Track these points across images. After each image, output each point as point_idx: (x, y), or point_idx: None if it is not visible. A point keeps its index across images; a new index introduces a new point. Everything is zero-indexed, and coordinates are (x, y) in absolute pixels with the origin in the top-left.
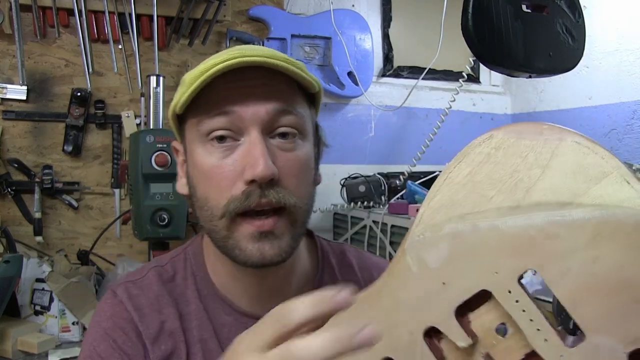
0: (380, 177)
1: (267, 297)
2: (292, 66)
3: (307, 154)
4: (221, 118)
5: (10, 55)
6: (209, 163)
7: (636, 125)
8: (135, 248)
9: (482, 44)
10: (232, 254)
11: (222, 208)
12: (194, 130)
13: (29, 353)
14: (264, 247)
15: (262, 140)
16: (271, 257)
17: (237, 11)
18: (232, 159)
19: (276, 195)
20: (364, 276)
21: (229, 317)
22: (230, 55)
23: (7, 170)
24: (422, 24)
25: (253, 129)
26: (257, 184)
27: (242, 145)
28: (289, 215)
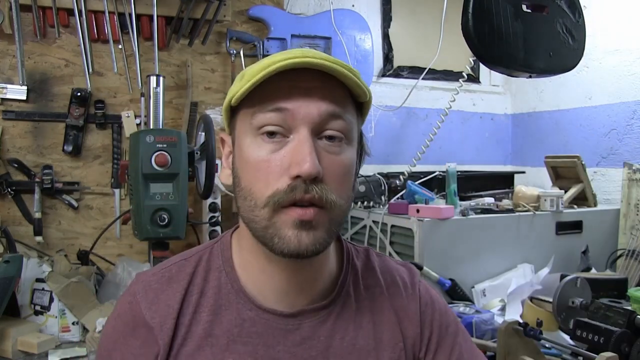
0: (380, 177)
1: (294, 294)
2: (349, 72)
3: (350, 159)
4: (274, 114)
5: (10, 55)
6: (258, 156)
7: (636, 125)
8: (135, 248)
9: (482, 44)
10: (270, 243)
11: (266, 198)
12: (246, 122)
13: (29, 353)
14: (302, 235)
15: (310, 139)
16: (306, 245)
17: (237, 11)
18: (281, 155)
19: (319, 191)
20: (385, 280)
21: (251, 312)
22: (292, 54)
23: (7, 170)
24: (422, 24)
25: (303, 128)
26: (301, 180)
27: (291, 142)
28: (327, 211)
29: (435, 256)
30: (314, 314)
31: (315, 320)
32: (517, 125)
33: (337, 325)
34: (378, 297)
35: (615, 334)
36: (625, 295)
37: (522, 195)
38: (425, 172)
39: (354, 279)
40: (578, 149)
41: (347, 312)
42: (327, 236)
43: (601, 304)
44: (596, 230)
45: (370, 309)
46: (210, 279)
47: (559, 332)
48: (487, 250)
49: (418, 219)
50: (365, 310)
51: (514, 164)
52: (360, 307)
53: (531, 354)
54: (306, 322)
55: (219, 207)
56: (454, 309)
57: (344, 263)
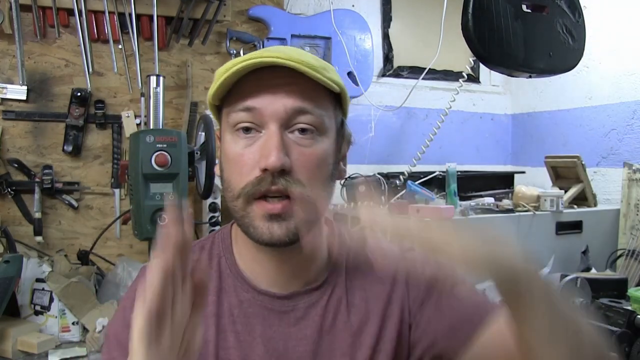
0: (380, 177)
1: (287, 279)
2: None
3: (324, 150)
4: (244, 113)
5: (10, 55)
6: (234, 150)
7: (636, 125)
8: (135, 248)
9: (482, 44)
10: (247, 231)
11: (239, 190)
12: (225, 120)
13: (29, 353)
14: (273, 227)
15: (278, 134)
16: (279, 236)
17: (237, 11)
18: (253, 149)
19: (285, 183)
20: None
21: (248, 294)
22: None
23: (7, 170)
24: (422, 24)
25: (272, 124)
26: (269, 172)
27: (262, 137)
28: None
29: None
30: (307, 295)
31: (309, 301)
32: (517, 125)
33: (330, 305)
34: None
35: (615, 334)
36: (625, 295)
37: (522, 195)
38: (425, 172)
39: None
40: (578, 149)
41: (339, 292)
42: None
43: (601, 304)
44: (596, 230)
45: (362, 286)
46: (213, 264)
47: None
48: None
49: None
50: (356, 289)
51: (514, 164)
52: (352, 286)
53: None
54: (300, 303)
55: (219, 207)
56: None
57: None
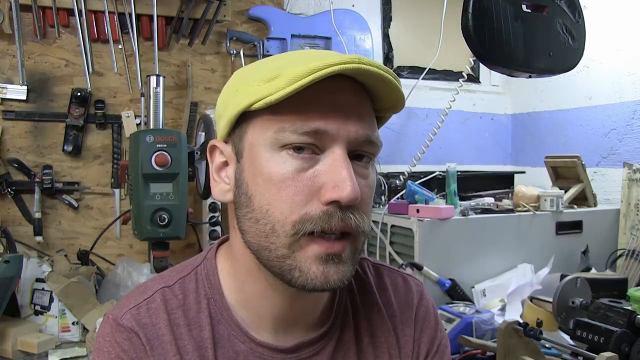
0: (380, 177)
1: (293, 320)
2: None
3: (375, 181)
4: (308, 137)
5: (10, 55)
6: (282, 173)
7: (636, 125)
8: (135, 248)
9: (482, 44)
10: (288, 275)
11: (292, 225)
12: (266, 134)
13: (29, 353)
14: (329, 270)
15: (348, 159)
16: (334, 281)
17: (237, 11)
18: (311, 174)
19: (356, 220)
20: (381, 298)
21: (244, 345)
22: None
23: (7, 170)
24: (422, 24)
25: (338, 147)
26: (337, 206)
27: (324, 160)
28: (355, 240)
29: (435, 256)
30: (312, 345)
31: (314, 350)
32: (517, 125)
33: (337, 353)
34: (375, 316)
35: (615, 334)
36: (625, 295)
37: (522, 195)
38: (425, 172)
39: (350, 296)
40: (578, 149)
41: (347, 336)
42: (353, 267)
43: (601, 304)
44: (596, 230)
45: (369, 329)
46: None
47: (559, 332)
48: (487, 250)
49: (418, 219)
50: (364, 331)
51: (514, 164)
52: (359, 329)
53: (531, 354)
54: (304, 354)
55: (219, 207)
56: (453, 309)
57: None
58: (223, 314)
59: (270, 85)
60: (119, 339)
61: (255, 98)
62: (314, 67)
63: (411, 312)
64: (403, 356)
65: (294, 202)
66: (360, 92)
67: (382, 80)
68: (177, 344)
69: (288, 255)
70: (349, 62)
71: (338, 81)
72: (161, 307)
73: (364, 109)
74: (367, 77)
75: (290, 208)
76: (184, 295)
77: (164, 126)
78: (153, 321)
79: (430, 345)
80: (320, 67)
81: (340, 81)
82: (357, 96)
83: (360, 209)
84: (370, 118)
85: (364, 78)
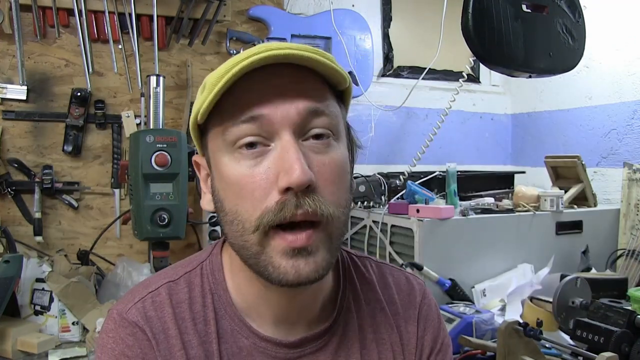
0: (380, 177)
1: (294, 318)
2: (323, 58)
3: (342, 156)
4: (249, 124)
5: (10, 55)
6: (239, 172)
7: (636, 125)
8: (135, 248)
9: (482, 44)
10: (265, 272)
11: (255, 221)
12: (218, 139)
13: (29, 353)
14: (299, 264)
15: (295, 143)
16: (307, 274)
17: (237, 11)
18: (264, 167)
19: (313, 204)
20: (384, 296)
21: (248, 340)
22: (253, 51)
23: (7, 170)
24: (422, 24)
25: (284, 132)
26: (292, 193)
27: (274, 150)
28: (325, 227)
29: (435, 256)
30: (315, 340)
31: (317, 345)
32: (517, 125)
33: (340, 349)
34: (379, 313)
35: (615, 334)
36: (625, 295)
37: (522, 195)
38: (425, 172)
39: (353, 294)
40: (578, 149)
41: (350, 332)
42: (330, 256)
43: (601, 304)
44: (596, 230)
45: (372, 326)
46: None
47: (559, 332)
48: (487, 250)
49: (418, 219)
50: (367, 327)
51: (514, 164)
52: (363, 325)
53: (531, 354)
54: (307, 349)
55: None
56: (453, 309)
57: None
58: (227, 310)
59: (202, 97)
60: (122, 335)
61: (195, 112)
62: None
63: (414, 310)
64: (406, 353)
65: (254, 198)
66: (303, 74)
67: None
68: (182, 338)
69: (260, 251)
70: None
71: (274, 70)
72: (166, 300)
73: (303, 86)
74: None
75: (253, 205)
76: (189, 290)
77: (164, 126)
78: (158, 314)
79: (433, 343)
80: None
81: (277, 69)
82: (296, 77)
83: (320, 190)
84: (317, 93)
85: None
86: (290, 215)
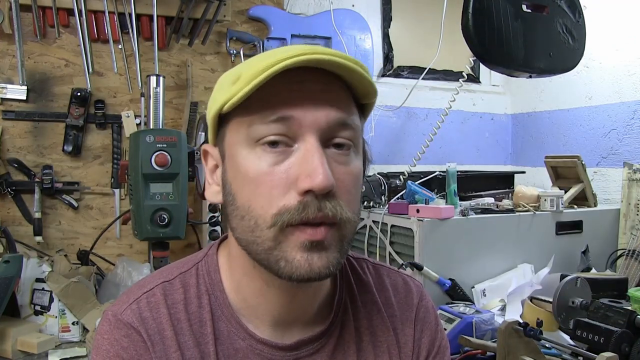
0: (380, 177)
1: (292, 318)
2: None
3: (359, 168)
4: (277, 124)
5: (10, 55)
6: (258, 169)
7: (636, 125)
8: (135, 248)
9: (482, 44)
10: (275, 267)
11: (272, 217)
12: (241, 132)
13: (29, 353)
14: (313, 257)
15: (320, 148)
16: (319, 268)
17: (237, 11)
18: (285, 166)
19: (333, 209)
20: (381, 298)
21: (244, 342)
22: (299, 51)
23: (7, 170)
24: (422, 24)
25: (310, 136)
26: (313, 195)
27: (297, 151)
28: (339, 228)
29: (435, 256)
30: (311, 342)
31: (314, 348)
32: (517, 125)
33: (337, 351)
34: (375, 316)
35: (615, 334)
36: (625, 295)
37: (522, 195)
38: (425, 172)
39: (350, 295)
40: (578, 149)
41: (347, 334)
42: (340, 256)
43: (601, 304)
44: (596, 230)
45: (369, 328)
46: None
47: (559, 332)
48: (487, 250)
49: (418, 219)
50: (364, 330)
51: (514, 164)
52: (359, 327)
53: (531, 354)
54: (304, 351)
55: (219, 207)
56: (453, 309)
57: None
58: (223, 311)
59: (234, 87)
60: (117, 336)
61: (223, 101)
62: (267, 65)
63: (411, 312)
64: (403, 356)
65: (272, 195)
66: (333, 81)
67: (348, 69)
68: (178, 339)
69: (274, 247)
70: (301, 55)
71: (307, 73)
72: (161, 301)
73: (335, 96)
74: (334, 67)
75: (269, 202)
76: (184, 290)
77: (164, 126)
78: (154, 315)
79: (430, 346)
80: (272, 64)
81: (310, 73)
82: (327, 85)
83: (339, 197)
84: (345, 104)
85: (333, 68)
86: (312, 217)
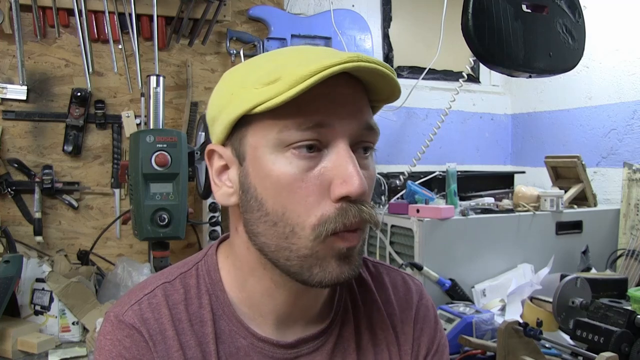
0: (380, 177)
1: (295, 317)
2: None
3: (375, 170)
4: (311, 131)
5: (10, 55)
6: (290, 174)
7: (636, 125)
8: (135, 248)
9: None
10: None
11: (313, 228)
12: (269, 135)
13: (29, 353)
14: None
15: (352, 154)
16: (348, 273)
17: (237, 11)
18: (317, 172)
19: (369, 212)
20: (380, 296)
21: (245, 340)
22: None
23: (7, 170)
24: (422, 24)
25: (341, 142)
26: (348, 201)
27: (327, 156)
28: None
29: (435, 256)
30: (312, 340)
31: (314, 346)
32: (517, 125)
33: (337, 350)
34: (375, 314)
35: (615, 334)
36: (625, 295)
37: (522, 195)
38: (425, 172)
39: (350, 294)
40: (578, 149)
41: (347, 333)
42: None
43: (601, 304)
44: (596, 230)
45: (368, 327)
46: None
47: (559, 332)
48: (487, 250)
49: (418, 219)
50: (364, 328)
51: (514, 164)
52: (359, 326)
53: (531, 354)
54: (304, 349)
55: (219, 207)
56: (453, 309)
57: None
58: (224, 310)
59: (270, 89)
60: (120, 337)
61: (256, 102)
62: (315, 69)
63: (411, 311)
64: (402, 354)
65: (308, 203)
66: (356, 85)
67: (381, 75)
68: (180, 339)
69: (310, 254)
70: (350, 61)
71: (337, 77)
72: (162, 302)
73: (361, 101)
74: (366, 73)
75: (306, 210)
76: (185, 291)
77: (164, 126)
78: (155, 316)
79: (430, 344)
80: (321, 68)
81: (339, 77)
82: (354, 89)
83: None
84: (367, 108)
85: (363, 74)
86: (353, 223)
